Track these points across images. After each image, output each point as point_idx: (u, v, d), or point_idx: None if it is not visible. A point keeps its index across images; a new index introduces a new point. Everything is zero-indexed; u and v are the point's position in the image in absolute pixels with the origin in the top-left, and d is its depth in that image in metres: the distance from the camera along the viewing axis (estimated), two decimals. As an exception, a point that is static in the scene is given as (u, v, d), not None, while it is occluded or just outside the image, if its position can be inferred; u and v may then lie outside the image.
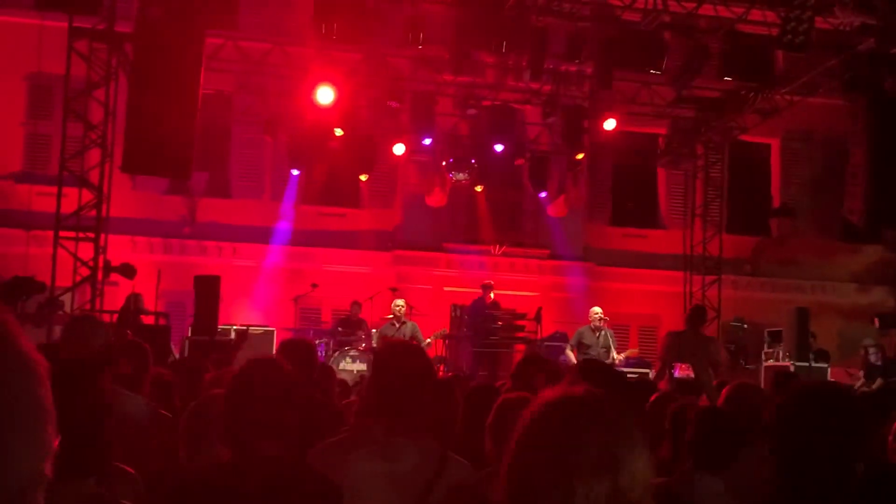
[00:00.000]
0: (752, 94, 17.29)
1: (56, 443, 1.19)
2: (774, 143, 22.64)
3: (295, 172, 18.91)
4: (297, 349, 5.56)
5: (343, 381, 6.58)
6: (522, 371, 4.41)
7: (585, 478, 1.68)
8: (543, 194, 19.79)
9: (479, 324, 16.28)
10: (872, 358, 16.20)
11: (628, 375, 15.65)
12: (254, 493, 2.85)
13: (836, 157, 20.74)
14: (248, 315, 17.69)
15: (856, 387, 15.69)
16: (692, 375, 10.46)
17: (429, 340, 15.12)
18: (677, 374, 10.69)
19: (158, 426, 4.63)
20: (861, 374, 16.47)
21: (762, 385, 16.16)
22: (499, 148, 17.63)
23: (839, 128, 20.11)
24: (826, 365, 16.36)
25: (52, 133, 17.84)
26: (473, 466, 3.43)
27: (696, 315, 12.35)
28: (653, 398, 5.68)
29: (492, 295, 16.62)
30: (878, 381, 15.67)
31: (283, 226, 19.83)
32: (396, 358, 3.37)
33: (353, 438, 3.41)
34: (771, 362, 16.90)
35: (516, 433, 1.82)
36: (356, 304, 16.51)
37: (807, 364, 15.71)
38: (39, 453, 1.16)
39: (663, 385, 10.05)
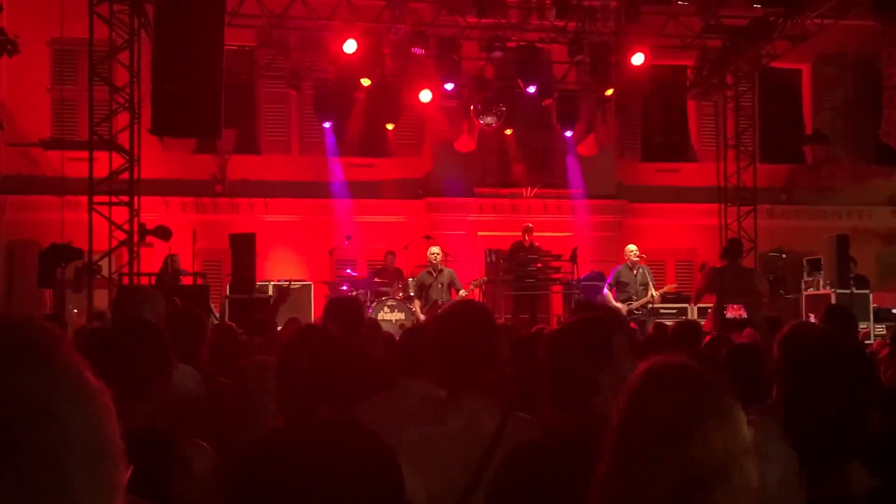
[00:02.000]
0: (780, 19, 16.94)
1: (127, 478, 1.14)
2: (805, 69, 22.29)
3: (326, 125, 18.85)
4: (345, 308, 5.55)
5: (389, 335, 6.55)
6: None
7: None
8: (569, 133, 19.60)
9: (517, 267, 16.24)
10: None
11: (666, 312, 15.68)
12: (312, 457, 2.85)
13: (869, 80, 20.33)
14: (285, 270, 17.75)
15: None
16: (744, 315, 10.39)
17: (464, 292, 15.08)
18: (729, 314, 10.61)
19: (214, 396, 4.59)
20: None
21: (804, 312, 16.14)
22: (531, 90, 17.40)
23: (871, 49, 19.70)
24: (867, 291, 16.20)
25: (79, 98, 17.84)
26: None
27: (734, 248, 12.23)
28: (707, 339, 5.64)
29: (531, 238, 16.54)
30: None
31: (314, 179, 19.81)
32: (464, 320, 3.34)
33: (410, 400, 3.39)
34: (811, 291, 16.77)
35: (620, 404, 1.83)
36: (391, 253, 16.51)
37: (848, 291, 15.56)
38: (106, 492, 1.10)
39: (707, 325, 9.99)
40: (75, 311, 14.83)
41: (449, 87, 17.54)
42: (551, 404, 2.62)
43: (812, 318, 13.69)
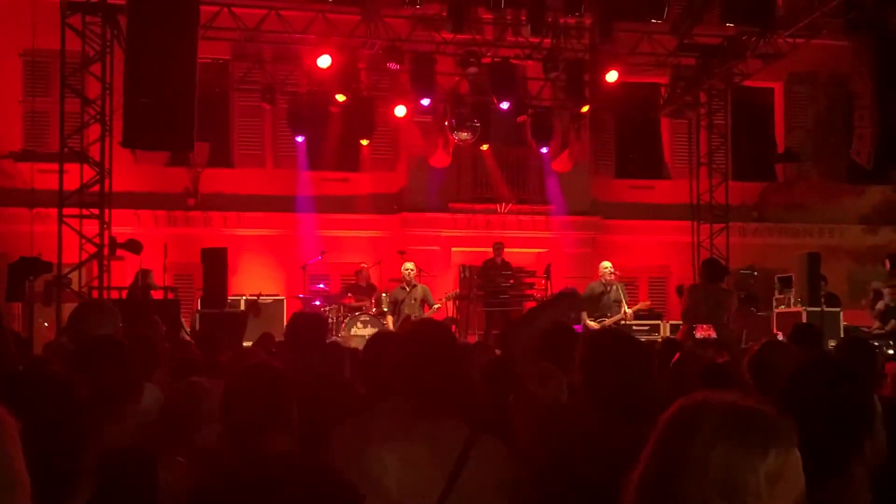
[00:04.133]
0: (753, 38, 17.05)
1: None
2: (777, 87, 22.46)
3: (300, 139, 18.78)
4: (308, 324, 5.53)
5: (357, 351, 6.48)
6: (551, 343, 4.31)
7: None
8: (545, 150, 19.64)
9: (489, 283, 16.24)
10: (887, 299, 16.12)
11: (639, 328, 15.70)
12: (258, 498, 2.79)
13: (841, 99, 20.52)
14: (257, 284, 17.65)
15: (871, 331, 15.65)
16: (713, 335, 10.43)
17: (437, 305, 15.07)
18: (698, 334, 10.64)
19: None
20: (873, 317, 16.41)
21: (774, 330, 16.22)
22: (504, 106, 17.43)
23: (843, 69, 19.87)
24: (838, 309, 16.29)
25: (50, 110, 17.71)
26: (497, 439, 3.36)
27: (718, 271, 12.29)
28: (676, 357, 5.65)
29: (502, 255, 16.57)
30: (892, 324, 15.62)
31: (288, 193, 19.74)
32: (424, 338, 3.30)
33: (376, 422, 3.35)
34: (782, 308, 16.85)
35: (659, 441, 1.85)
36: (364, 268, 16.46)
37: (818, 309, 15.64)
38: None
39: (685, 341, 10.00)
40: (45, 324, 14.68)
41: (425, 102, 17.54)
42: None
43: (780, 336, 13.76)
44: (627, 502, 1.85)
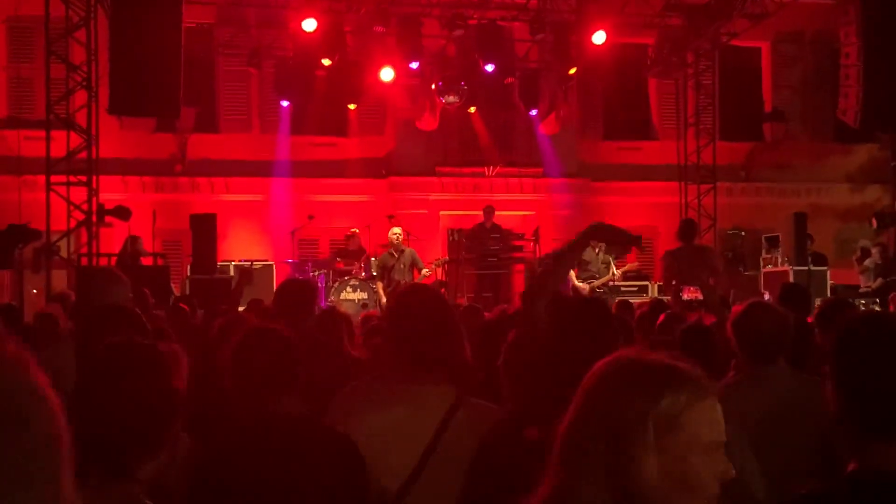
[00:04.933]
0: (740, -2, 17.06)
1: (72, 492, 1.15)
2: (765, 47, 22.43)
3: (284, 104, 18.70)
4: (297, 291, 5.55)
5: (347, 317, 6.51)
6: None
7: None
8: (534, 112, 19.62)
9: (479, 246, 16.28)
10: (875, 258, 16.23)
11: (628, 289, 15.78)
12: (272, 459, 2.84)
13: (828, 58, 20.50)
14: (246, 250, 17.67)
15: (861, 288, 15.76)
16: (700, 297, 10.48)
17: (427, 271, 15.10)
18: (685, 296, 10.69)
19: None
20: (861, 275, 16.53)
21: (761, 288, 16.32)
22: (489, 68, 17.38)
23: (830, 28, 19.85)
24: (825, 268, 16.39)
25: (35, 77, 17.59)
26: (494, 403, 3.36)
27: (688, 229, 12.26)
28: (660, 319, 5.70)
29: (492, 219, 16.60)
30: (879, 281, 15.73)
31: (275, 158, 19.70)
32: (414, 303, 3.31)
33: (367, 387, 3.38)
34: (769, 268, 16.96)
35: (577, 396, 1.84)
36: (353, 233, 16.46)
37: (805, 268, 15.74)
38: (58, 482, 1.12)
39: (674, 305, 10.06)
40: (34, 291, 14.68)
41: (414, 65, 17.48)
42: None
43: (767, 296, 13.84)
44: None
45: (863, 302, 14.21)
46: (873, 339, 2.32)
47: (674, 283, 10.93)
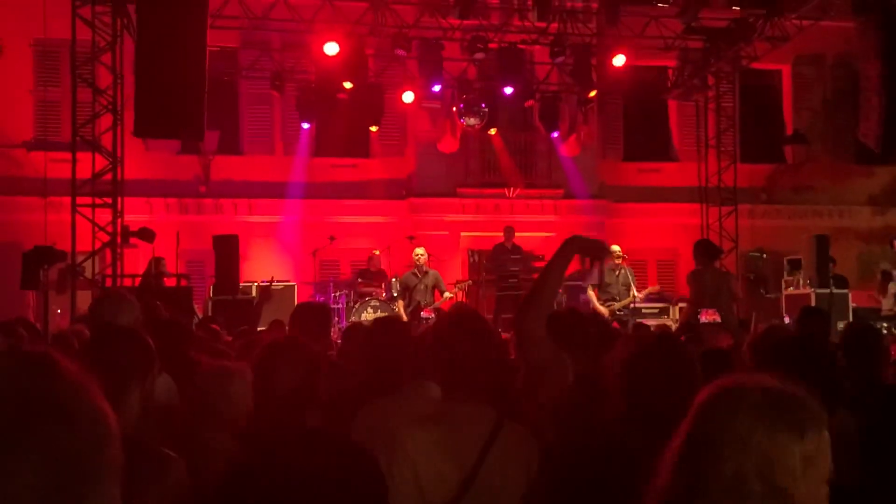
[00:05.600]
0: (760, 20, 17.08)
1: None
2: (785, 69, 22.44)
3: (305, 126, 18.86)
4: (312, 315, 5.61)
5: (357, 324, 6.59)
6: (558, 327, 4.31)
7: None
8: (555, 134, 19.68)
9: (499, 268, 16.34)
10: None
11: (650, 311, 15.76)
12: (296, 474, 2.89)
13: (848, 80, 20.47)
14: (268, 270, 17.76)
15: (882, 311, 15.68)
16: (718, 320, 10.48)
17: (448, 294, 15.18)
18: (703, 318, 10.69)
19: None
20: (881, 298, 16.44)
21: (783, 311, 16.29)
22: (508, 91, 17.47)
23: (850, 50, 19.83)
24: (846, 290, 16.33)
25: (62, 99, 17.85)
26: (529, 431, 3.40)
27: (709, 251, 12.22)
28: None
29: (513, 239, 16.67)
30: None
31: (298, 179, 19.85)
32: (459, 323, 3.34)
33: (405, 404, 3.43)
34: (791, 290, 16.90)
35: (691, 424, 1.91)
36: (374, 254, 16.58)
37: (828, 291, 15.69)
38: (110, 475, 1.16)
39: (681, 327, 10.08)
40: (59, 311, 14.82)
41: (436, 88, 17.60)
42: None
43: (787, 319, 13.80)
44: (662, 481, 1.91)
45: (885, 325, 14.14)
46: None
47: (684, 307, 10.94)
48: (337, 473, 2.94)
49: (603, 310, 14.62)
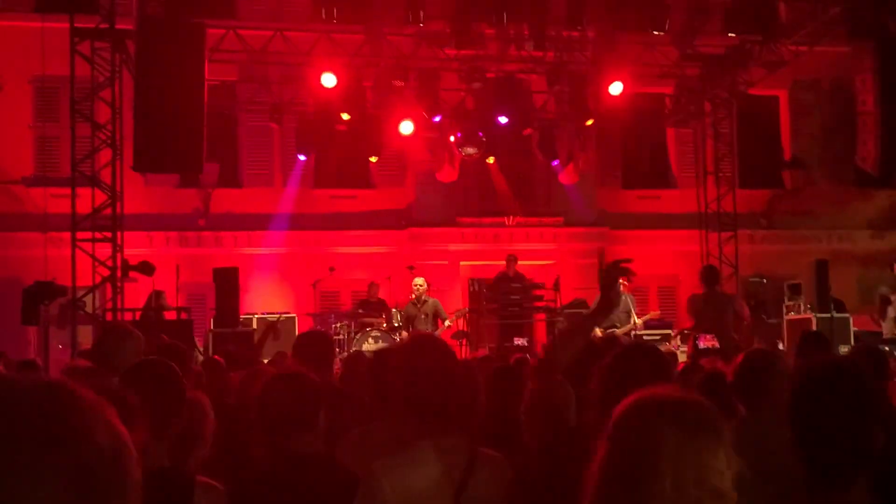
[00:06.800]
0: (756, 47, 17.18)
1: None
2: (782, 95, 22.53)
3: (302, 158, 18.92)
4: (314, 343, 5.63)
5: (359, 354, 6.59)
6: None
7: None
8: (556, 162, 19.73)
9: (501, 296, 16.34)
10: (896, 302, 16.14)
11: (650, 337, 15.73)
12: (291, 496, 2.94)
13: (845, 105, 20.54)
14: (269, 302, 17.78)
15: (884, 335, 15.66)
16: (717, 345, 10.50)
17: (449, 322, 15.19)
18: (702, 344, 10.70)
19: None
20: (881, 321, 16.42)
21: (784, 336, 16.27)
22: (503, 120, 17.54)
23: (847, 75, 19.94)
24: (847, 315, 16.32)
25: (61, 135, 17.92)
26: (501, 452, 3.36)
27: (711, 274, 12.31)
28: (680, 367, 5.73)
29: (515, 267, 16.69)
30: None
31: (297, 211, 19.89)
32: (420, 354, 3.28)
33: (378, 436, 3.42)
34: (792, 315, 16.88)
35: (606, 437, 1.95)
36: (374, 284, 16.60)
37: (828, 315, 15.67)
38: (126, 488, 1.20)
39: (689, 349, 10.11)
40: (60, 346, 14.81)
41: (437, 119, 17.67)
42: None
43: (782, 345, 13.77)
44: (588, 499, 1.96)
45: (886, 349, 14.11)
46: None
47: (687, 331, 10.97)
48: (327, 497, 3.00)
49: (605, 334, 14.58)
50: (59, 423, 1.16)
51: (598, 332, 14.59)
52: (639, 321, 15.16)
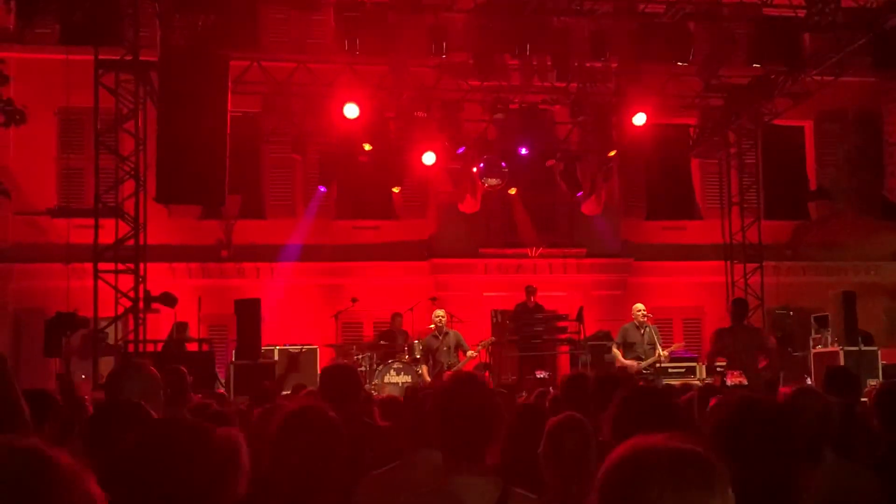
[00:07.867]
0: (781, 77, 17.08)
1: None
2: (808, 126, 22.39)
3: (322, 189, 18.88)
4: (341, 377, 5.53)
5: (393, 399, 6.50)
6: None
7: None
8: (579, 194, 19.64)
9: (522, 327, 16.22)
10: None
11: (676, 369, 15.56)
12: None
13: (871, 135, 20.47)
14: (290, 334, 17.71)
15: None
16: (745, 382, 10.35)
17: (472, 353, 15.10)
18: (729, 381, 10.56)
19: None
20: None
21: (811, 369, 16.06)
22: (524, 151, 17.50)
23: (872, 105, 19.85)
24: (875, 348, 16.10)
25: (85, 166, 18.01)
26: (526, 489, 3.32)
27: (740, 308, 12.19)
28: (713, 402, 5.60)
29: (534, 298, 16.58)
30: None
31: (319, 242, 19.87)
32: (458, 394, 3.28)
33: (407, 474, 3.34)
34: (819, 348, 16.67)
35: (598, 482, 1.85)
36: (396, 315, 16.52)
37: (856, 348, 15.47)
38: None
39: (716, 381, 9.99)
40: (83, 377, 14.79)
41: (460, 150, 17.63)
42: None
43: (809, 380, 13.58)
44: None
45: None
46: None
47: (717, 366, 10.84)
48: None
49: (630, 363, 14.43)
50: (32, 496, 1.10)
51: (632, 363, 14.50)
52: (664, 353, 14.98)
